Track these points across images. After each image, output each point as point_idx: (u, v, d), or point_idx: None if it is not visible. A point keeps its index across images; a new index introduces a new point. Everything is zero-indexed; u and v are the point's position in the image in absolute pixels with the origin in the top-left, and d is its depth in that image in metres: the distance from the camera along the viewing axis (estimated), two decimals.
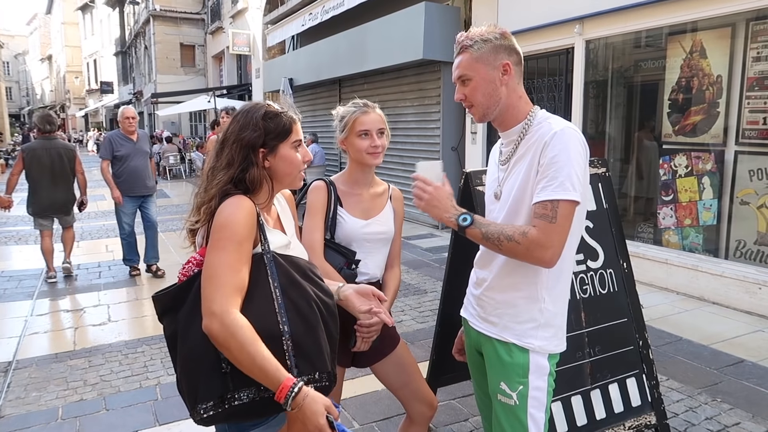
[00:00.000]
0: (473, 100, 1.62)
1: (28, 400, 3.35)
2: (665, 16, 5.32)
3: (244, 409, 1.39)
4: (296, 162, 1.55)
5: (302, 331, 1.44)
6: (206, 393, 1.38)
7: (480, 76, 1.59)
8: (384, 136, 2.04)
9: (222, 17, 20.84)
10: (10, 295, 5.49)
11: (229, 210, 1.41)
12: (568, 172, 1.47)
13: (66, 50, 47.86)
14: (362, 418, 3.08)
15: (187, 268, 1.47)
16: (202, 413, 1.38)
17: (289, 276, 1.47)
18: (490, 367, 1.70)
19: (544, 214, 1.47)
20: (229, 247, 1.37)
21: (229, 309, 1.34)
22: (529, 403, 1.61)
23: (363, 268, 2.07)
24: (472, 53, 1.59)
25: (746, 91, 4.95)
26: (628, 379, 2.53)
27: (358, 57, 9.88)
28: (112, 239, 8.14)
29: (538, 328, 1.61)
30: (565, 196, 1.46)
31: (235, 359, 1.33)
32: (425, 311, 4.92)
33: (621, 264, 2.62)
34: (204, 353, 1.38)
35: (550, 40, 6.58)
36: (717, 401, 3.25)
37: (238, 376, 1.36)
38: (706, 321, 4.59)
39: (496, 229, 1.53)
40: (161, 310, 1.47)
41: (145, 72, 28.81)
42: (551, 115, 1.61)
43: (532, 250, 1.48)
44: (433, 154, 8.74)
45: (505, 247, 1.51)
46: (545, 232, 1.47)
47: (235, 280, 1.37)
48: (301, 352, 1.43)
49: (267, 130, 1.50)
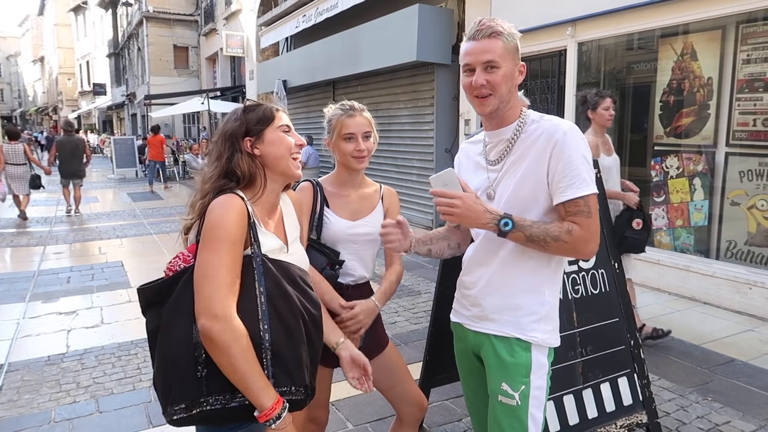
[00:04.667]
0: (496, 89, 1.55)
1: (20, 402, 3.34)
2: (656, 18, 5.36)
3: (215, 414, 1.38)
4: (286, 142, 1.54)
5: (283, 342, 1.42)
6: (179, 395, 1.36)
7: (508, 68, 1.56)
8: (370, 139, 2.02)
9: (215, 19, 20.80)
10: (2, 297, 5.46)
11: (220, 209, 1.40)
12: (586, 168, 1.53)
13: (58, 52, 47.59)
14: (356, 418, 3.09)
15: (173, 262, 1.45)
16: (172, 414, 1.37)
17: (277, 282, 1.45)
18: (491, 369, 1.67)
19: (580, 210, 1.52)
20: (224, 247, 1.36)
21: (233, 313, 1.33)
22: (531, 403, 1.60)
23: (350, 270, 2.06)
24: (504, 42, 1.54)
25: (736, 93, 5.00)
26: (620, 379, 2.55)
27: (352, 59, 9.89)
28: (105, 241, 8.12)
29: (540, 321, 1.62)
30: (591, 191, 1.53)
31: (229, 366, 1.31)
32: (419, 312, 4.94)
33: (612, 264, 2.64)
34: (182, 354, 1.36)
35: (542, 42, 6.62)
36: (708, 400, 3.28)
37: (214, 381, 1.35)
38: (697, 321, 4.62)
39: (540, 231, 1.52)
40: (145, 303, 1.46)
41: (138, 74, 28.70)
42: (543, 114, 1.62)
43: (579, 245, 1.53)
44: (427, 156, 8.76)
45: (552, 247, 1.54)
46: (587, 226, 1.53)
47: (231, 282, 1.36)
48: (279, 363, 1.41)
49: (248, 119, 1.52)
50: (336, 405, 3.16)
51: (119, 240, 8.21)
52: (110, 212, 11.04)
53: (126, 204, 12.22)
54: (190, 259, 1.43)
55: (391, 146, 9.43)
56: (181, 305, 1.38)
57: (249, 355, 1.33)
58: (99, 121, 42.03)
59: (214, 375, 1.34)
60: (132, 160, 18.64)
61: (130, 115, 32.82)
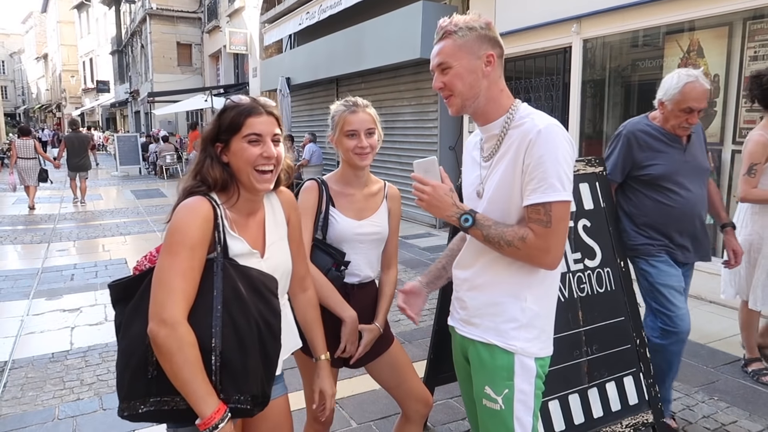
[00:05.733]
0: (453, 89, 1.54)
1: (24, 399, 3.34)
2: (662, 15, 5.33)
3: (163, 414, 1.41)
4: (246, 157, 1.45)
5: (234, 349, 1.40)
6: (131, 391, 1.39)
7: (462, 65, 1.52)
8: (374, 136, 2.00)
9: (219, 16, 20.80)
10: (6, 294, 5.47)
11: (183, 212, 1.39)
12: (557, 171, 1.43)
13: (62, 49, 47.68)
14: (360, 417, 3.08)
15: (140, 262, 1.48)
16: (122, 410, 1.40)
17: (235, 288, 1.42)
18: (475, 372, 1.65)
19: (539, 218, 1.45)
20: (182, 252, 1.35)
21: (181, 320, 1.33)
22: (516, 407, 1.55)
23: (355, 269, 2.05)
24: (455, 40, 1.52)
25: (743, 91, 4.96)
26: (626, 378, 2.54)
27: (356, 56, 9.87)
28: (108, 239, 8.13)
29: (520, 329, 1.56)
30: (557, 197, 1.43)
31: (171, 372, 1.32)
32: (423, 311, 4.91)
33: (618, 263, 2.62)
34: (136, 352, 1.39)
35: (547, 39, 6.58)
36: (714, 399, 3.26)
37: (163, 383, 1.36)
38: (703, 320, 4.60)
39: (497, 233, 1.49)
40: (114, 299, 1.49)
41: (141, 71, 28.73)
42: (534, 110, 1.55)
43: (533, 255, 1.47)
44: (431, 153, 8.74)
45: (507, 251, 1.50)
46: (542, 237, 1.45)
47: (186, 288, 1.35)
48: (228, 371, 1.39)
49: (220, 123, 1.48)
50: (340, 403, 3.15)
51: (123, 237, 8.22)
52: (114, 209, 11.06)
53: (129, 201, 12.24)
54: (155, 260, 1.44)
55: (395, 143, 9.41)
56: (141, 305, 1.40)
57: (192, 364, 1.32)
58: (102, 118, 42.12)
59: (164, 377, 1.35)
60: (135, 157, 18.67)
61: (134, 112, 32.89)
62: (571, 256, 2.50)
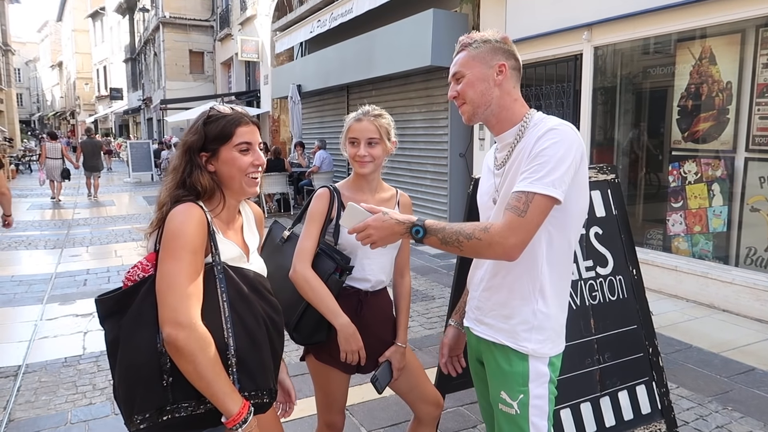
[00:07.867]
0: (465, 96, 1.60)
1: (37, 404, 3.37)
2: (674, 22, 5.31)
3: (181, 421, 1.39)
4: (239, 165, 1.50)
5: (247, 347, 1.43)
6: (144, 404, 1.36)
7: (474, 73, 1.57)
8: (377, 146, 2.00)
9: (231, 24, 20.99)
10: (20, 299, 5.53)
11: (179, 218, 1.40)
12: (554, 167, 1.41)
13: (76, 57, 48.33)
14: (370, 424, 3.08)
15: (132, 272, 1.45)
16: (138, 424, 1.37)
17: (238, 289, 1.46)
18: (491, 376, 1.68)
19: (516, 206, 1.41)
20: (186, 256, 1.36)
21: (198, 321, 1.33)
22: (531, 412, 1.58)
23: (368, 275, 2.05)
24: (470, 51, 1.59)
25: (756, 98, 4.93)
26: (638, 387, 2.51)
27: (366, 63, 9.92)
28: (120, 244, 8.20)
29: (531, 331, 1.57)
30: (542, 191, 1.40)
31: (195, 374, 1.32)
32: (433, 317, 4.92)
33: (630, 270, 2.61)
34: (145, 363, 1.36)
35: (558, 46, 6.59)
36: (728, 409, 3.22)
37: (179, 389, 1.36)
38: (716, 328, 4.55)
39: (453, 232, 1.45)
40: (104, 313, 1.44)
41: (154, 78, 29.03)
42: (548, 116, 1.57)
43: (494, 244, 1.41)
44: (441, 161, 8.75)
45: (467, 247, 1.44)
46: (510, 225, 1.40)
47: (194, 291, 1.36)
48: (244, 368, 1.42)
49: (207, 132, 1.50)
50: (350, 410, 3.15)
51: (135, 243, 8.28)
52: (126, 215, 11.17)
53: (142, 207, 12.35)
54: (149, 269, 1.43)
55: (406, 151, 9.43)
56: (143, 315, 1.38)
57: (215, 362, 1.34)
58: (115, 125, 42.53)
59: (180, 383, 1.35)
60: (148, 163, 18.83)
61: (146, 119, 33.18)
62: (582, 263, 2.48)
